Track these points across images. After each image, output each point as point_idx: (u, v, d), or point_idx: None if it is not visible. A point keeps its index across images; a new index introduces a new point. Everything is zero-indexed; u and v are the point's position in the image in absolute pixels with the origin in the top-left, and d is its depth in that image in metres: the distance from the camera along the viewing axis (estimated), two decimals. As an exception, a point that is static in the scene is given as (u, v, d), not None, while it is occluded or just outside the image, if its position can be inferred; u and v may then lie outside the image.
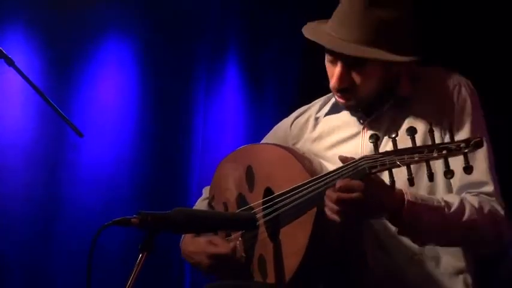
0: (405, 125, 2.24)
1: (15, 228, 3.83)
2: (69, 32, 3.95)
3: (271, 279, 2.36)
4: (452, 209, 2.19)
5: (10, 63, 3.20)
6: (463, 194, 2.26)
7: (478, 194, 2.26)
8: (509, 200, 2.33)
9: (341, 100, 2.38)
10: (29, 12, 3.89)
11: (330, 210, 2.12)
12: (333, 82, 2.35)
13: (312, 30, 2.39)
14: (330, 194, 2.11)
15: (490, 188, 2.27)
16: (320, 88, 2.58)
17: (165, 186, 4.11)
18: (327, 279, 2.33)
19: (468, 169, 1.96)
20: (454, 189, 2.29)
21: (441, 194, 2.29)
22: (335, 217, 2.11)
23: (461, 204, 2.21)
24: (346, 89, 2.34)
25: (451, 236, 2.22)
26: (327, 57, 2.38)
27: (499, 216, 2.25)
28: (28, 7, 3.89)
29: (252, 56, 4.43)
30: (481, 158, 2.28)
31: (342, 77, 2.33)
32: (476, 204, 2.22)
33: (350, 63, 2.32)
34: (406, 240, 2.26)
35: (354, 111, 2.45)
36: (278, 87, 4.45)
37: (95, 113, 4.01)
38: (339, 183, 2.10)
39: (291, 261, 2.28)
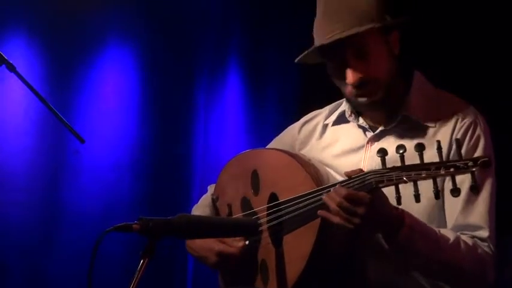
0: (412, 142, 2.19)
1: (17, 233, 3.83)
2: (71, 38, 3.96)
3: (272, 285, 2.36)
4: (448, 244, 2.20)
5: (11, 69, 3.20)
6: (458, 233, 2.26)
7: (472, 237, 2.26)
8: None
9: (365, 99, 2.33)
10: (30, 18, 3.90)
11: (332, 212, 2.12)
12: (349, 80, 2.30)
13: (307, 52, 2.38)
14: (334, 196, 2.11)
15: (485, 233, 2.26)
16: (321, 94, 2.58)
17: (167, 192, 4.11)
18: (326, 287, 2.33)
19: (475, 188, 1.97)
20: (449, 226, 2.29)
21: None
22: (335, 219, 2.11)
23: (457, 240, 2.22)
24: (364, 80, 2.30)
25: (438, 268, 2.22)
26: (334, 65, 2.35)
27: (488, 260, 2.25)
28: (30, 13, 3.89)
29: (253, 61, 4.43)
30: (481, 200, 2.27)
31: (355, 70, 2.30)
32: (470, 244, 2.23)
33: (356, 53, 2.30)
34: None
35: (376, 108, 2.39)
36: (279, 92, 4.45)
37: (96, 119, 4.01)
38: (343, 190, 2.09)
39: (293, 269, 2.28)
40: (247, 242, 2.43)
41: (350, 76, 2.30)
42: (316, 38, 2.36)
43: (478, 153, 2.29)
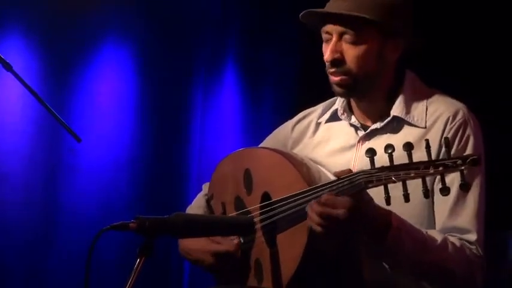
0: (403, 142, 2.19)
1: (15, 232, 3.83)
2: (67, 37, 3.96)
3: (267, 284, 2.36)
4: (435, 244, 2.20)
5: (8, 68, 3.20)
6: (446, 235, 2.26)
7: (460, 239, 2.27)
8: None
9: (335, 78, 2.36)
10: (27, 17, 3.90)
11: (313, 221, 2.12)
12: (326, 55, 2.35)
13: (309, 11, 2.40)
14: (314, 207, 2.11)
15: (472, 236, 2.27)
16: (318, 93, 2.58)
17: (163, 191, 4.11)
18: (321, 287, 2.33)
19: (465, 186, 1.96)
20: (437, 228, 2.29)
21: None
22: (317, 228, 2.12)
23: (444, 241, 2.22)
24: (338, 61, 2.33)
25: (425, 269, 2.22)
26: (324, 38, 2.38)
27: (477, 262, 2.26)
28: (26, 12, 3.89)
29: (251, 61, 4.43)
30: (470, 202, 2.28)
31: (334, 47, 2.33)
32: (458, 245, 2.23)
33: (345, 36, 2.33)
34: None
35: (349, 93, 2.41)
36: (276, 92, 4.46)
37: (92, 118, 4.02)
38: (324, 197, 2.10)
39: (287, 268, 2.29)
40: (241, 240, 2.43)
41: (328, 52, 2.35)
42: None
43: (468, 153, 2.29)
